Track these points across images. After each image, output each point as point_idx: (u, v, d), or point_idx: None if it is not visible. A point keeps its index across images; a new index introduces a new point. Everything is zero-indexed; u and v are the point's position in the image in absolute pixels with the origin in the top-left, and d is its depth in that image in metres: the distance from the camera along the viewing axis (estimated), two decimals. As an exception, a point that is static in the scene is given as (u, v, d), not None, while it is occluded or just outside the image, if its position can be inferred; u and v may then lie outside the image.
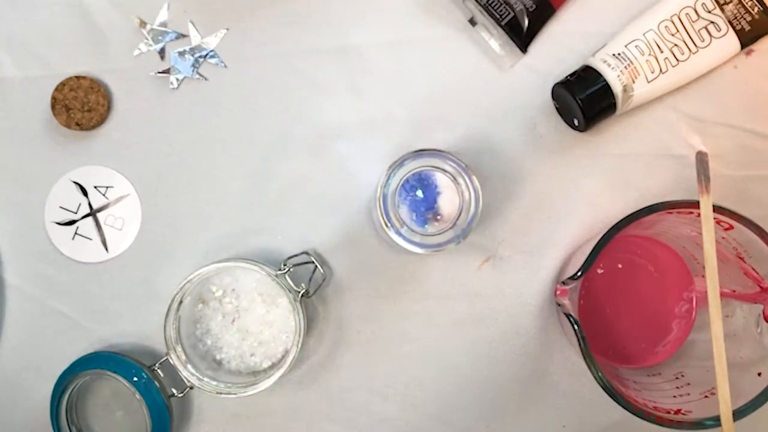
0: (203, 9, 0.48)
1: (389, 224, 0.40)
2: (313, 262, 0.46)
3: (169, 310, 0.45)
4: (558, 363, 0.47)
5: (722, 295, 0.38)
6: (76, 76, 0.47)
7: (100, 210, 0.49)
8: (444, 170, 0.40)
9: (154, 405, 0.45)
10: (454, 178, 0.40)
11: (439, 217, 0.40)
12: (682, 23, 0.43)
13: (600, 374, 0.38)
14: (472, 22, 0.46)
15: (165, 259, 0.48)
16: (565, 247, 0.46)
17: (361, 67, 0.47)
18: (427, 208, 0.40)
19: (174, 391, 0.46)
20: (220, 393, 0.44)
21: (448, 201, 0.40)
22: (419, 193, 0.40)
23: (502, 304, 0.47)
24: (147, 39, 0.48)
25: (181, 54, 0.48)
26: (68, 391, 0.46)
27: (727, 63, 0.45)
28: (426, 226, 0.40)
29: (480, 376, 0.47)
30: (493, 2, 0.45)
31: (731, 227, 0.38)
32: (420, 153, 0.40)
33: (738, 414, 0.37)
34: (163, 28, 0.48)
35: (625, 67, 0.42)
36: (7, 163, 0.49)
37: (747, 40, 0.44)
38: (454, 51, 0.47)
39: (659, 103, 0.45)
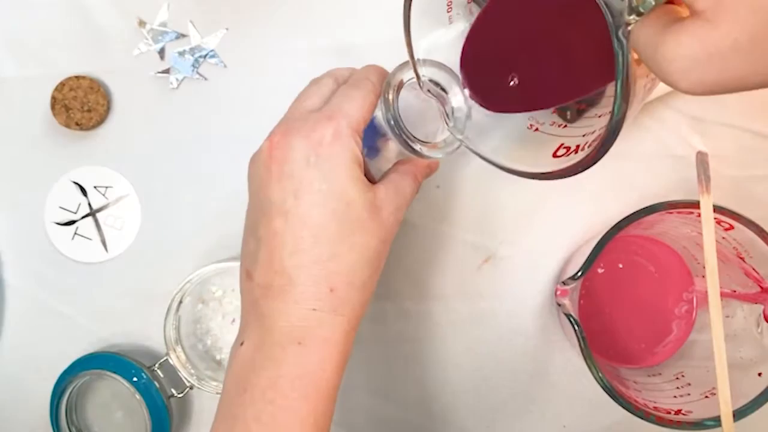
0: (203, 9, 0.48)
1: (414, 145, 0.37)
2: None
3: (169, 310, 0.45)
4: (558, 363, 0.47)
5: (723, 295, 0.38)
6: (76, 76, 0.47)
7: (99, 210, 0.49)
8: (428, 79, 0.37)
9: (154, 405, 0.45)
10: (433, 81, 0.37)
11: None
12: (682, 23, 0.43)
13: (600, 374, 0.38)
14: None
15: (165, 259, 0.48)
16: (565, 247, 0.46)
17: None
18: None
19: (174, 391, 0.46)
20: (220, 393, 0.44)
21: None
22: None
23: (502, 304, 0.47)
24: (147, 39, 0.48)
25: (181, 54, 0.48)
26: (68, 391, 0.46)
27: (727, 63, 0.45)
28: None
29: (480, 376, 0.47)
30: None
31: (731, 227, 0.38)
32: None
33: (738, 414, 0.37)
34: (163, 28, 0.48)
35: (625, 67, 0.42)
36: (7, 163, 0.49)
37: (747, 40, 0.44)
38: (453, 51, 0.47)
39: (659, 103, 0.45)
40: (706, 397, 0.39)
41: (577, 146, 0.33)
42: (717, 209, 0.37)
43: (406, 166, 0.38)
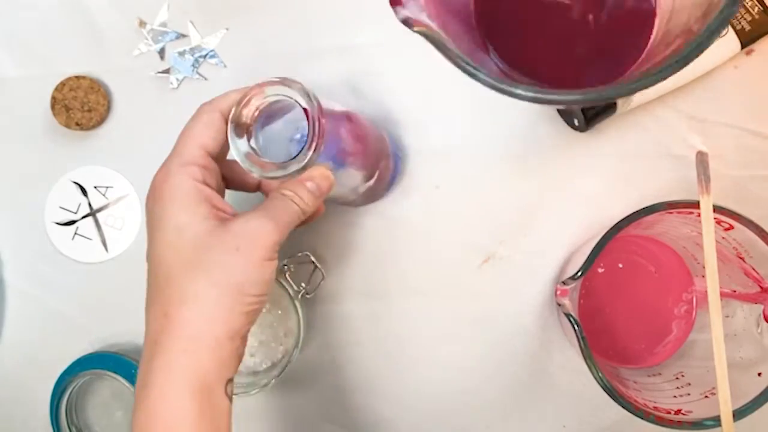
0: (203, 9, 0.48)
1: (242, 159, 0.34)
2: (312, 263, 0.46)
3: (169, 310, 0.45)
4: (558, 363, 0.47)
5: (722, 295, 0.38)
6: (76, 76, 0.47)
7: (99, 210, 0.49)
8: (286, 97, 0.35)
9: (154, 405, 0.45)
10: (294, 99, 0.35)
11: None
12: (682, 23, 0.43)
13: (600, 374, 0.38)
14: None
15: (165, 259, 0.48)
16: (565, 247, 0.46)
17: (361, 67, 0.47)
18: (294, 135, 0.37)
19: (174, 391, 0.46)
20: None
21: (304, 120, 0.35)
22: (283, 129, 0.37)
23: (502, 304, 0.47)
24: (147, 39, 0.48)
25: (181, 54, 0.48)
26: (68, 391, 0.46)
27: (727, 63, 0.45)
28: (345, 164, 0.37)
29: (480, 376, 0.47)
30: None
31: (731, 227, 0.38)
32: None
33: (738, 414, 0.37)
34: (163, 28, 0.48)
35: (625, 67, 0.42)
36: (7, 163, 0.49)
37: (747, 40, 0.44)
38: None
39: (659, 103, 0.45)
40: (706, 397, 0.39)
41: None
42: (717, 209, 0.37)
43: (283, 185, 0.36)
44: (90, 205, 0.49)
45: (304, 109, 0.34)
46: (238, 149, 0.34)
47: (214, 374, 0.32)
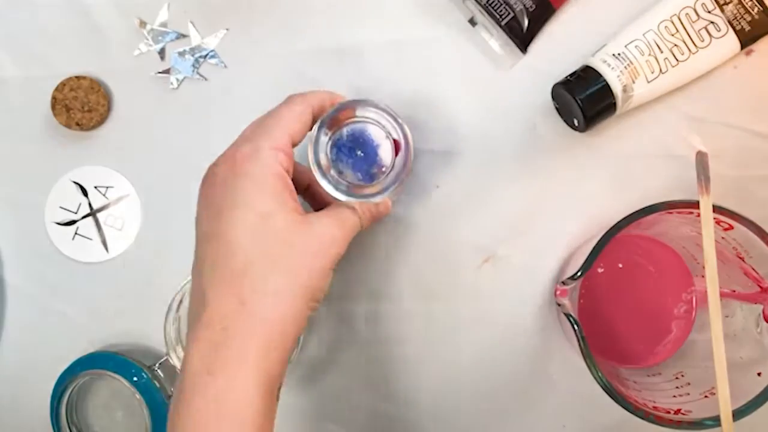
0: (203, 9, 0.48)
1: (318, 166, 0.36)
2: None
3: (169, 310, 0.45)
4: (558, 363, 0.47)
5: (722, 295, 0.38)
6: (76, 76, 0.47)
7: (100, 210, 0.49)
8: (376, 122, 0.38)
9: (154, 405, 0.45)
10: (384, 127, 0.38)
11: (384, 169, 0.38)
12: (681, 23, 0.43)
13: (600, 374, 0.38)
14: (472, 22, 0.46)
15: (165, 259, 0.48)
16: (565, 247, 0.46)
17: (361, 67, 0.47)
18: (370, 164, 0.38)
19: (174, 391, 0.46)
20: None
21: (388, 152, 0.38)
22: (359, 153, 0.38)
23: (502, 304, 0.47)
24: (147, 39, 0.48)
25: (181, 54, 0.48)
26: (68, 391, 0.46)
27: (727, 63, 0.45)
28: (375, 181, 0.38)
29: (480, 376, 0.47)
30: (493, 2, 0.45)
31: (731, 227, 0.38)
32: (347, 105, 0.38)
33: (738, 414, 0.37)
34: (163, 28, 0.48)
35: (625, 67, 0.42)
36: (7, 163, 0.49)
37: (747, 40, 0.44)
38: (454, 51, 0.47)
39: (659, 103, 0.45)
40: (706, 396, 0.39)
41: None
42: (716, 209, 0.37)
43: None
44: (90, 205, 0.49)
45: (395, 141, 0.35)
46: (318, 158, 0.35)
47: (279, 374, 0.33)
